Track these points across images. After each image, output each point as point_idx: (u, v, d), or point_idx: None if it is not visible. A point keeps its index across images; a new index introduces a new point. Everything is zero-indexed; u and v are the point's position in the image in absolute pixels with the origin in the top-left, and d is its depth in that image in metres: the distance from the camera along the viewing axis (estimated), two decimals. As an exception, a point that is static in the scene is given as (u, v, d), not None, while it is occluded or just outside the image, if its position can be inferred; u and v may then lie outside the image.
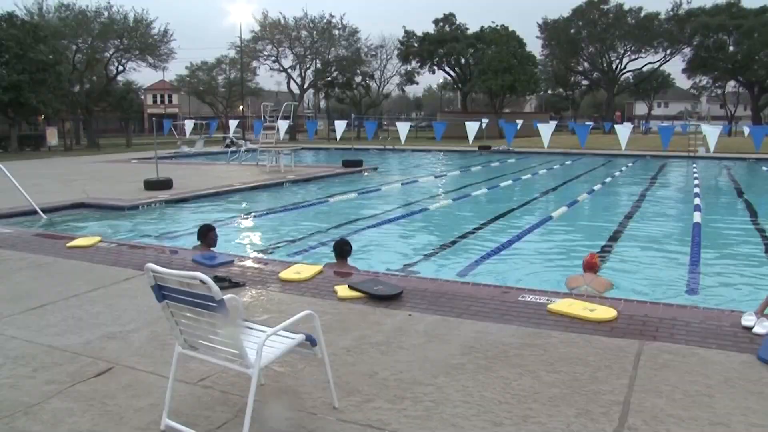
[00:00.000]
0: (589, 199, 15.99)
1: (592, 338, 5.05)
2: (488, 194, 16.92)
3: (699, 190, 17.29)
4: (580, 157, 30.79)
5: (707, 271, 8.30)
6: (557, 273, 8.23)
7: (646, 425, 3.67)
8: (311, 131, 42.93)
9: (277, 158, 21.22)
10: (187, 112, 68.31)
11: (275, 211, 13.35)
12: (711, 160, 29.53)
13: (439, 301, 5.98)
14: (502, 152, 34.03)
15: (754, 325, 5.23)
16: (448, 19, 60.24)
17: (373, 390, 4.11)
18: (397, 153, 35.08)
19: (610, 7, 61.91)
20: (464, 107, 65.28)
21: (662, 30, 60.89)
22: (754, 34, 55.05)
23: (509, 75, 52.79)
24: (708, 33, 58.03)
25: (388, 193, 16.98)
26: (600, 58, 65.54)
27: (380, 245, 9.88)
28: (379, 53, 61.40)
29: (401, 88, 67.43)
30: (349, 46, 57.73)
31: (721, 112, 76.53)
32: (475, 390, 4.12)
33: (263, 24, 54.59)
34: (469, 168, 25.14)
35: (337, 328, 5.27)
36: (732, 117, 72.41)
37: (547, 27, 64.52)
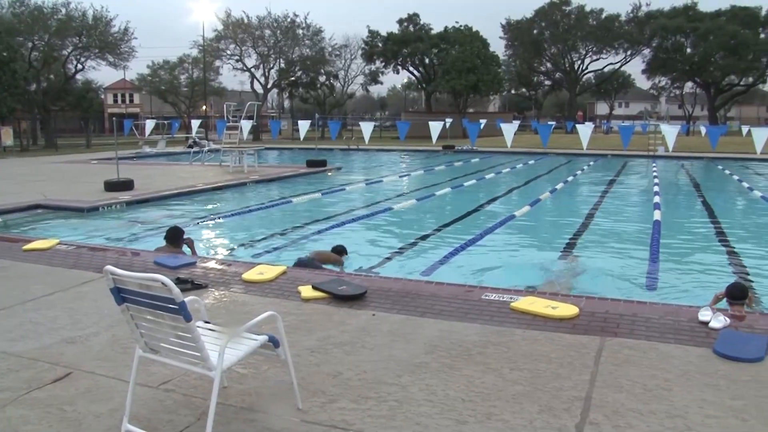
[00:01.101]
0: (552, 198, 16.17)
1: (555, 335, 5.11)
2: (452, 194, 17.00)
3: (659, 188, 17.61)
4: (543, 157, 31.12)
5: (666, 267, 8.45)
6: (520, 271, 8.32)
7: (607, 420, 3.73)
8: (275, 131, 42.67)
9: (241, 158, 21.05)
10: (148, 112, 67.41)
11: (239, 211, 13.23)
12: (670, 159, 30.09)
13: (402, 300, 5.99)
14: (465, 152, 34.22)
15: (710, 319, 5.35)
16: (413, 19, 60.40)
17: (338, 390, 4.11)
18: (362, 153, 35.06)
19: (572, 9, 62.79)
20: (428, 107, 65.53)
21: (622, 31, 61.97)
22: (709, 37, 56.40)
23: (473, 75, 53.13)
24: (666, 35, 59.28)
25: (352, 192, 16.97)
26: (562, 58, 66.39)
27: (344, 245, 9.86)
28: (343, 53, 61.43)
29: (365, 87, 67.45)
30: (313, 45, 57.52)
31: (680, 112, 78.06)
32: (439, 388, 4.14)
33: (226, 23, 54.15)
34: (433, 168, 25.24)
35: (301, 329, 5.25)
36: (690, 117, 73.87)
37: (510, 27, 65.16)
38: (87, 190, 15.24)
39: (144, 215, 12.77)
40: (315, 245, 9.80)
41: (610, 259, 9.19)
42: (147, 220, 12.19)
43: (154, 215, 12.66)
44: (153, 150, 33.29)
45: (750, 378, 4.34)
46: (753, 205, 15.81)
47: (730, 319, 5.40)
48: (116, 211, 13.07)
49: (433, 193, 16.34)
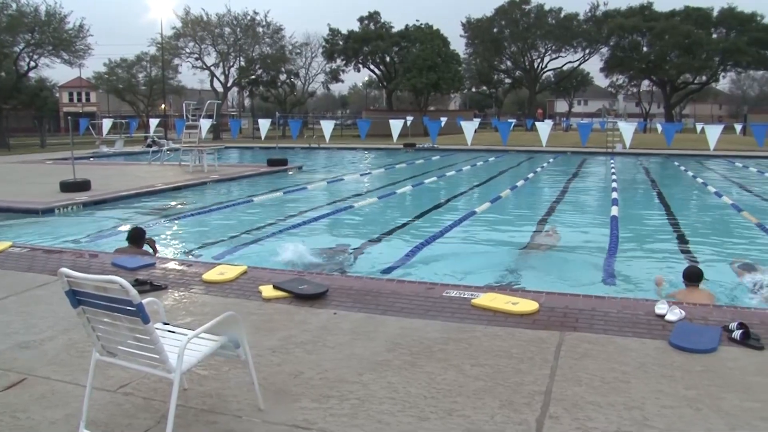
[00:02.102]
0: (512, 195, 16.33)
1: (515, 331, 5.17)
2: (413, 191, 17.06)
3: (616, 184, 17.91)
4: (503, 154, 31.40)
5: (624, 262, 8.60)
6: (481, 268, 8.38)
7: (567, 413, 3.79)
8: (234, 130, 42.31)
9: (200, 158, 20.83)
10: (106, 111, 66.16)
11: (199, 211, 13.09)
12: (627, 156, 30.65)
13: (364, 298, 6.00)
14: (426, 150, 34.35)
15: (667, 312, 5.48)
16: (373, 17, 60.36)
17: (299, 390, 4.10)
18: (323, 151, 34.97)
19: (531, 8, 63.38)
20: (389, 105, 65.61)
21: (581, 30, 62.77)
22: (665, 36, 57.54)
23: (434, 73, 53.32)
24: (623, 34, 60.31)
25: (313, 191, 16.91)
26: (522, 56, 66.99)
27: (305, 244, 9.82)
28: (303, 51, 61.05)
29: (326, 86, 67.25)
30: (273, 43, 57.07)
31: (637, 109, 79.52)
32: (400, 386, 4.15)
33: (185, 20, 53.36)
34: (394, 166, 25.30)
35: (262, 329, 5.22)
36: (647, 114, 75.33)
37: (470, 26, 65.51)
38: (42, 191, 14.91)
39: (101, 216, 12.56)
40: (276, 244, 9.75)
41: (570, 254, 9.32)
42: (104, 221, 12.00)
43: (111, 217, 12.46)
44: (111, 150, 32.73)
45: (703, 368, 4.45)
46: (707, 200, 16.18)
47: (684, 310, 5.53)
48: (73, 212, 12.83)
49: (394, 191, 16.38)
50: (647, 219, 13.14)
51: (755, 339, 4.94)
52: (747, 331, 4.99)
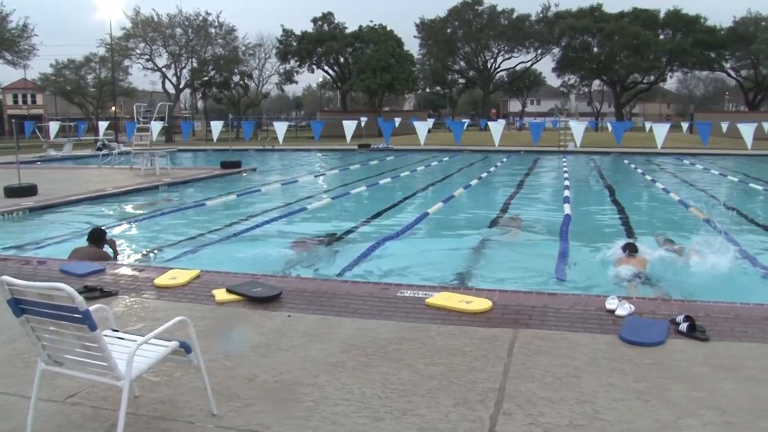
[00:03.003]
0: (466, 194, 16.45)
1: (469, 329, 5.21)
2: (367, 192, 17.07)
3: (569, 182, 18.20)
4: (457, 154, 31.64)
5: (576, 258, 8.73)
6: (436, 267, 8.42)
7: (520, 409, 3.83)
8: (186, 132, 41.75)
9: (152, 161, 20.51)
10: (53, 114, 64.57)
11: (151, 215, 12.87)
12: (579, 154, 31.18)
13: (318, 300, 5.98)
14: (381, 150, 34.42)
15: (617, 307, 5.59)
16: (327, 18, 60.18)
17: (254, 393, 4.07)
18: (277, 153, 34.74)
19: (484, 8, 63.91)
20: (344, 106, 65.52)
21: (533, 31, 63.58)
22: (614, 37, 58.75)
23: (388, 74, 53.40)
24: (574, 35, 61.39)
25: (267, 193, 16.79)
26: (475, 57, 67.54)
27: (259, 246, 9.75)
28: (257, 52, 60.47)
29: (280, 87, 66.77)
30: (226, 44, 56.42)
31: (589, 108, 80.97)
32: (355, 387, 4.15)
33: (135, 21, 52.31)
34: (349, 167, 25.29)
35: (215, 333, 5.17)
36: (598, 113, 76.79)
37: (424, 27, 65.77)
38: (-16, 197, 14.48)
39: (48, 222, 12.26)
40: (230, 247, 9.66)
41: (523, 252, 9.43)
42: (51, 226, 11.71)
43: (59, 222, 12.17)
44: (59, 153, 31.99)
45: (652, 361, 4.56)
46: (656, 196, 16.55)
47: (634, 305, 5.66)
48: (18, 218, 12.49)
49: (348, 192, 16.36)
50: (599, 216, 13.38)
51: (701, 331, 5.08)
52: (693, 323, 5.13)
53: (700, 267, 8.01)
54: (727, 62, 63.15)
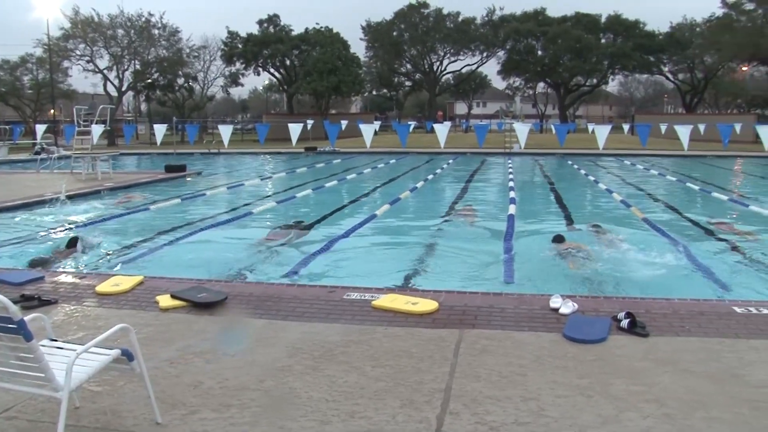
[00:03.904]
0: (413, 196, 16.54)
1: (415, 331, 5.24)
2: (314, 195, 17.00)
3: (514, 183, 18.46)
4: (404, 156, 31.79)
5: (521, 258, 8.85)
6: (382, 269, 8.44)
7: (466, 408, 3.88)
8: (129, 136, 40.91)
9: (94, 165, 20.02)
10: (-13, 117, 62.35)
11: (92, 221, 12.55)
12: (524, 156, 31.66)
13: (264, 304, 5.95)
14: (328, 153, 34.34)
15: (560, 306, 5.70)
16: (273, 20, 59.80)
17: (199, 400, 4.02)
18: (223, 156, 34.31)
19: (430, 11, 64.46)
20: (290, 109, 65.20)
21: (478, 34, 64.45)
22: (558, 40, 60.02)
23: (334, 76, 53.33)
24: (519, 38, 62.49)
25: (212, 197, 16.57)
26: (422, 59, 68.06)
27: (204, 251, 9.62)
28: (201, 54, 59.54)
29: (226, 90, 65.94)
30: (170, 46, 55.40)
31: (534, 110, 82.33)
32: (302, 391, 4.14)
33: (74, 21, 50.82)
34: (295, 170, 25.16)
35: (159, 340, 5.09)
36: (543, 115, 78.17)
37: (370, 29, 66.00)
38: None
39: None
40: (175, 253, 9.50)
41: (469, 253, 9.50)
42: None
43: None
44: (-6, 158, 30.99)
45: (595, 357, 4.66)
46: (599, 196, 16.91)
47: (577, 303, 5.77)
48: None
49: (294, 195, 16.27)
50: (543, 216, 13.60)
51: (641, 327, 5.23)
52: (634, 319, 5.27)
53: (619, 252, 9.02)
54: (665, 66, 65.29)
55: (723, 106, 76.92)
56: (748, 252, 9.41)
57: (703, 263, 8.45)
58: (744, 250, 9.52)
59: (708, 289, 7.42)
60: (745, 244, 9.94)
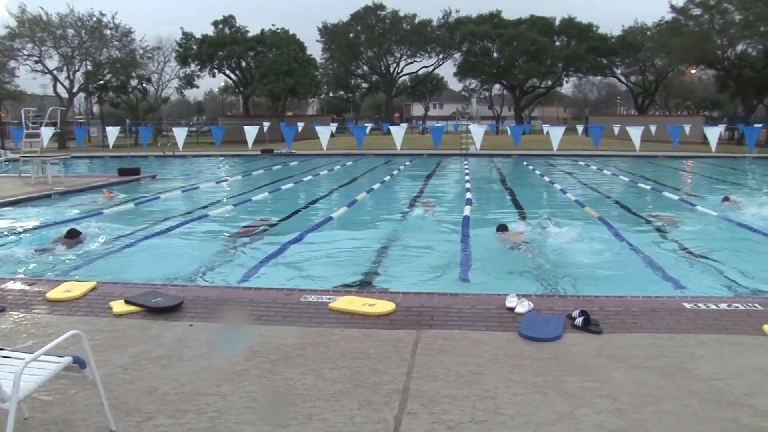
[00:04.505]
0: (369, 198, 16.54)
1: (372, 332, 5.25)
2: (270, 198, 16.87)
3: (470, 184, 18.60)
4: (361, 158, 31.80)
5: (477, 258, 8.92)
6: (339, 271, 8.43)
7: (424, 408, 3.90)
8: (80, 138, 40.06)
9: (44, 168, 19.57)
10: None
11: (43, 226, 12.26)
12: (481, 157, 31.94)
13: (221, 308, 5.88)
14: (284, 155, 34.14)
15: (516, 305, 5.77)
16: (228, 22, 59.12)
17: (154, 407, 3.96)
18: (178, 159, 33.84)
19: (386, 13, 64.51)
20: (246, 111, 64.63)
21: (435, 36, 64.77)
22: (513, 43, 60.73)
23: (291, 78, 52.99)
24: (475, 40, 62.99)
25: (168, 201, 16.32)
26: (378, 61, 68.10)
27: (159, 256, 9.48)
28: (156, 55, 58.67)
29: (181, 91, 64.99)
30: (122, 47, 54.27)
31: (490, 112, 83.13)
32: (259, 394, 4.12)
33: (21, 19, 49.39)
34: (251, 172, 24.95)
35: (113, 346, 5.00)
36: (499, 117, 78.99)
37: (327, 31, 65.80)
38: None
39: None
40: (129, 257, 9.35)
41: (425, 254, 9.55)
42: None
43: None
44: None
45: (550, 355, 4.73)
46: (553, 196, 17.15)
47: (532, 302, 5.85)
48: None
49: (250, 198, 16.14)
50: (499, 217, 13.71)
51: (595, 324, 5.32)
52: (588, 317, 5.37)
53: (572, 246, 9.49)
54: (618, 68, 66.62)
55: (673, 108, 78.90)
56: (697, 249, 9.66)
57: (654, 260, 8.64)
58: (692, 248, 9.77)
59: (659, 285, 7.58)
60: (693, 242, 10.20)
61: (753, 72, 46.98)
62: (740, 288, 7.70)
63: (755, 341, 5.05)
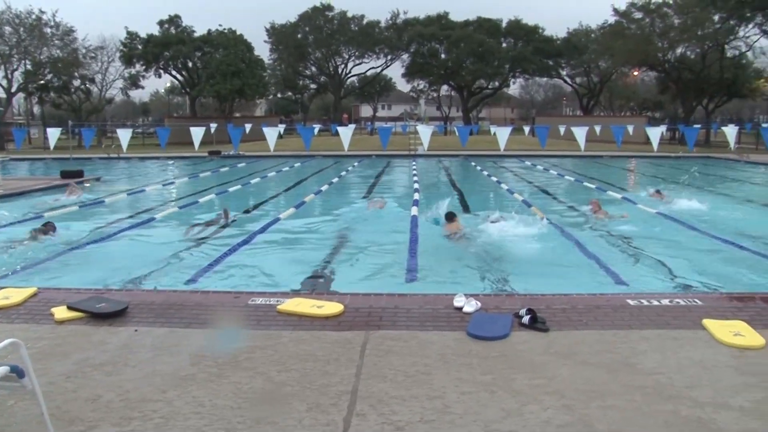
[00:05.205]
0: (317, 199, 16.49)
1: (321, 334, 5.23)
2: (217, 200, 16.66)
3: (418, 185, 18.70)
4: (309, 159, 31.71)
5: (424, 258, 8.97)
6: (287, 274, 8.38)
7: (372, 409, 3.90)
8: (19, 140, 38.92)
9: (-19, 171, 18.99)
10: None
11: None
12: (430, 158, 32.15)
13: (167, 312, 5.79)
14: (232, 157, 33.76)
15: (464, 305, 5.82)
16: (174, 21, 58.22)
17: (97, 415, 3.88)
18: (124, 161, 33.16)
19: (334, 14, 64.50)
20: (193, 112, 63.76)
21: (383, 37, 65.05)
22: (460, 44, 61.36)
23: (238, 79, 52.50)
24: (423, 41, 63.48)
25: (112, 204, 15.97)
26: (327, 62, 68.03)
27: (104, 260, 9.27)
28: (99, 55, 57.28)
29: (125, 92, 63.70)
30: (64, 46, 52.82)
31: (438, 113, 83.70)
32: (206, 399, 4.06)
33: (-48, 16, 47.79)
34: (198, 174, 24.62)
35: (55, 354, 4.87)
36: (447, 118, 79.61)
37: (274, 32, 65.43)
38: None
39: None
40: (72, 262, 9.12)
41: (374, 255, 9.57)
42: None
43: None
44: None
45: (498, 354, 4.79)
46: (501, 197, 17.34)
47: (480, 302, 5.91)
48: None
49: (196, 201, 15.91)
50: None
51: (541, 322, 5.41)
52: (534, 315, 5.45)
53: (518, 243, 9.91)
54: (564, 70, 68.03)
55: (617, 109, 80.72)
56: (641, 247, 9.92)
57: (600, 258, 8.82)
58: (637, 246, 10.02)
59: (603, 282, 7.75)
60: (639, 240, 10.46)
61: (692, 74, 48.48)
62: (676, 280, 8.06)
63: (695, 335, 5.20)
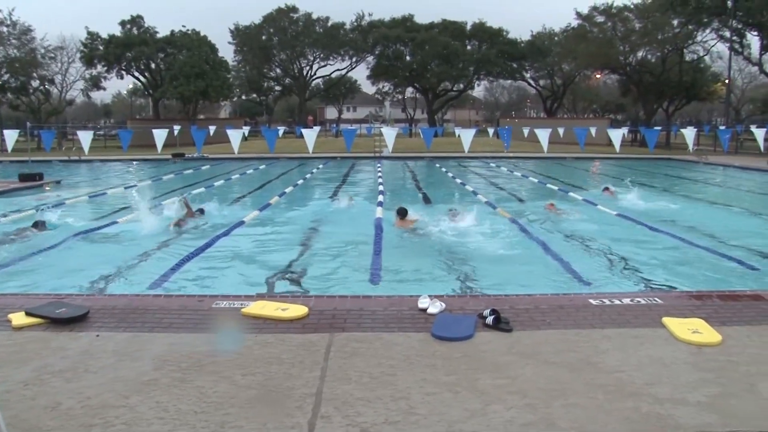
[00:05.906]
0: (282, 201, 16.42)
1: (286, 336, 5.22)
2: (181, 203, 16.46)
3: (383, 187, 18.74)
4: (275, 161, 31.57)
5: (389, 260, 8.99)
6: (251, 277, 8.35)
7: (337, 411, 3.90)
8: (-27, 143, 38.05)
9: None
10: None
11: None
12: (394, 160, 32.23)
13: (129, 317, 5.72)
14: (196, 159, 33.43)
15: (428, 306, 5.85)
16: (136, 22, 57.38)
17: (57, 423, 3.81)
18: (85, 164, 32.60)
19: (299, 16, 64.32)
20: (156, 114, 63.00)
21: (348, 39, 65.06)
22: (425, 47, 61.76)
23: (202, 81, 51.99)
24: (387, 43, 63.75)
25: (73, 207, 15.70)
26: (291, 64, 67.78)
27: (63, 265, 9.12)
28: (59, 55, 56.17)
29: (86, 93, 62.58)
30: (21, 45, 51.78)
31: (403, 115, 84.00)
32: (170, 404, 4.02)
33: None
34: (162, 177, 24.34)
35: (12, 361, 4.77)
36: (412, 120, 79.94)
37: (239, 33, 65.02)
38: None
39: None
40: (30, 267, 8.94)
41: (338, 257, 9.57)
42: None
43: None
44: None
45: (462, 354, 4.83)
46: (465, 198, 17.44)
47: (444, 303, 5.95)
48: None
49: (160, 203, 15.71)
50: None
51: (505, 323, 5.46)
52: (498, 316, 5.50)
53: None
54: (528, 72, 68.79)
55: (580, 111, 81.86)
56: (602, 247, 10.07)
57: (563, 258, 8.93)
58: (599, 246, 10.17)
59: (566, 281, 7.87)
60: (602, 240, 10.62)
61: (652, 77, 49.38)
62: (638, 277, 8.31)
63: (655, 333, 5.30)
